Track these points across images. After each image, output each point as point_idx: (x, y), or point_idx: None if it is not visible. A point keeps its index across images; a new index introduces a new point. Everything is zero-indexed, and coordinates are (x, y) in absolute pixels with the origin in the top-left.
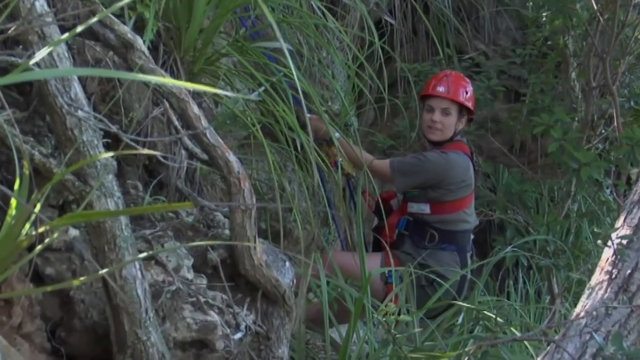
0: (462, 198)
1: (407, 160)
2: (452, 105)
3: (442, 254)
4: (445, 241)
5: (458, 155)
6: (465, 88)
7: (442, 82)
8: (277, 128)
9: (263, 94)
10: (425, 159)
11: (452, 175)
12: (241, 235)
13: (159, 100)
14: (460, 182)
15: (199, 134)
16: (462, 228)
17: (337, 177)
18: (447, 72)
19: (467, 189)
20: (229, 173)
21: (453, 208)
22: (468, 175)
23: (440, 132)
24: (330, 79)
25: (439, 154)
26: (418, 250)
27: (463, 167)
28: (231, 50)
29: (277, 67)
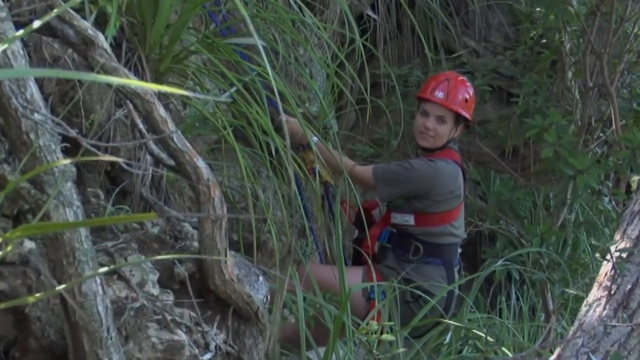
0: (449, 210)
1: (392, 168)
2: (448, 114)
3: (427, 268)
4: (431, 254)
5: (447, 164)
6: (466, 94)
7: (442, 86)
8: (250, 131)
9: (235, 94)
10: (411, 168)
11: (440, 185)
12: (211, 248)
13: (122, 102)
14: (447, 193)
15: (166, 138)
16: (449, 241)
17: (315, 185)
18: (449, 74)
19: (455, 201)
20: (198, 180)
21: (439, 220)
22: (457, 186)
23: (432, 139)
24: (308, 78)
25: (426, 162)
26: (402, 264)
27: (452, 177)
28: (200, 47)
29: (250, 65)
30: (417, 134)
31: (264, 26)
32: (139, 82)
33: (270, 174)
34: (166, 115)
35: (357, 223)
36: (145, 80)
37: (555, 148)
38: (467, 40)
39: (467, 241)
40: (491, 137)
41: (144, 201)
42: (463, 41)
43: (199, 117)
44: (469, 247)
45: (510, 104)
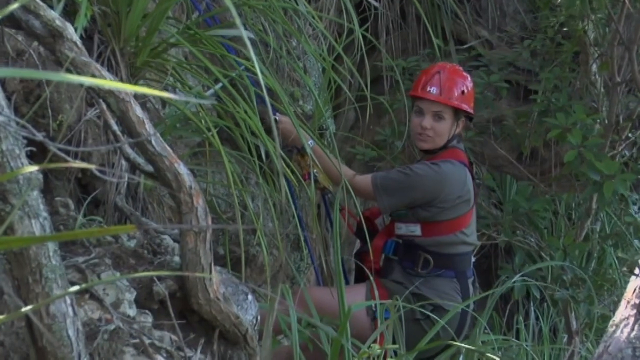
0: (459, 216)
1: (392, 176)
2: (445, 109)
3: (439, 281)
4: (442, 266)
5: (453, 165)
6: (462, 85)
7: (434, 80)
8: (237, 133)
9: (220, 92)
10: (413, 174)
11: (447, 191)
12: (194, 263)
13: (94, 101)
14: (455, 199)
15: (143, 141)
16: (461, 250)
17: (310, 191)
18: (440, 65)
19: (464, 206)
20: (179, 188)
21: (449, 228)
22: (465, 190)
23: (431, 139)
24: (302, 73)
25: (428, 166)
26: (410, 278)
27: (459, 180)
28: (181, 39)
29: (237, 59)
30: (415, 136)
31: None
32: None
33: (260, 180)
34: (143, 116)
35: (359, 233)
36: (120, 76)
37: (580, 150)
38: (479, 30)
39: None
40: (507, 138)
41: (119, 211)
42: (475, 31)
43: (180, 118)
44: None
45: (529, 100)
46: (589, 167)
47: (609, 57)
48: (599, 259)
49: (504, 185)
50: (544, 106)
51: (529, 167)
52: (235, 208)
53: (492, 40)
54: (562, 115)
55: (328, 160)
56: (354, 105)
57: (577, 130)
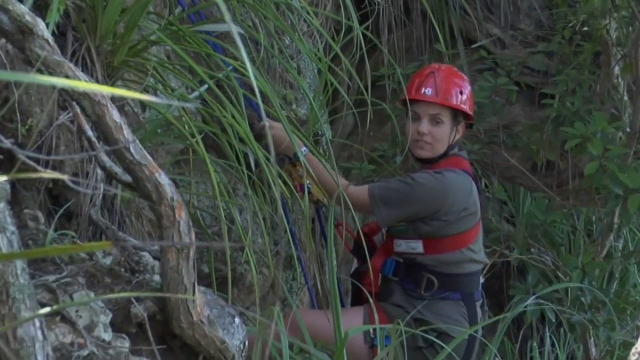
0: (465, 231)
1: (391, 186)
2: (443, 111)
3: (444, 304)
4: (448, 288)
5: (456, 174)
6: (460, 86)
7: (428, 81)
8: (224, 139)
9: (206, 94)
10: (414, 183)
11: (451, 202)
12: (176, 283)
13: (67, 104)
14: (460, 211)
15: (120, 148)
16: (468, 270)
17: (304, 204)
18: (434, 66)
19: (471, 219)
20: (160, 200)
21: (454, 244)
22: (471, 201)
23: (430, 146)
24: (295, 74)
25: (431, 174)
26: (412, 301)
27: (464, 190)
28: (163, 36)
29: (225, 59)
30: (412, 144)
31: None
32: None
33: (248, 191)
34: (121, 120)
35: (356, 251)
36: (96, 77)
37: (601, 162)
38: (490, 28)
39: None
40: (520, 147)
41: (93, 225)
42: (485, 29)
43: (161, 122)
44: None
45: (543, 106)
46: (611, 179)
47: (632, 59)
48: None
49: (516, 198)
50: (559, 111)
51: (545, 178)
52: (222, 222)
53: (505, 38)
54: (581, 124)
55: (323, 170)
56: (353, 111)
57: (597, 140)
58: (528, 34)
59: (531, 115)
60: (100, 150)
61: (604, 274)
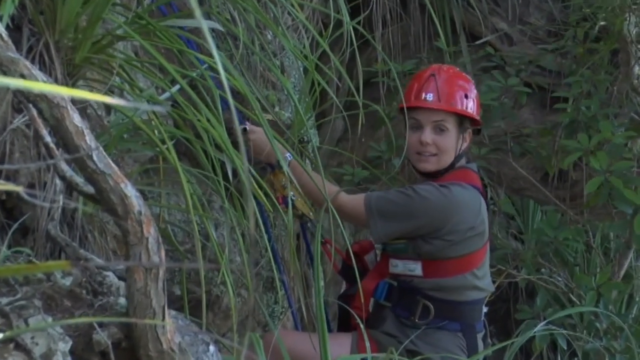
0: (470, 253)
1: (390, 197)
2: (447, 117)
3: (440, 335)
4: (446, 316)
5: (464, 189)
6: (465, 89)
7: (429, 85)
8: (198, 146)
9: (177, 95)
10: (417, 196)
11: (456, 220)
12: (143, 307)
13: (23, 106)
14: (466, 231)
15: (82, 156)
16: (469, 297)
17: (288, 219)
18: (434, 67)
19: (477, 240)
20: (126, 214)
21: (457, 268)
22: (479, 220)
23: (435, 158)
24: (278, 73)
25: (436, 187)
26: (405, 329)
27: (472, 207)
28: (131, 31)
29: (199, 56)
30: (414, 157)
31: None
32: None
33: (225, 204)
34: (83, 125)
35: (345, 272)
36: (55, 76)
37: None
38: (496, 22)
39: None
40: (529, 155)
41: (51, 242)
42: (491, 23)
43: (128, 127)
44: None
45: (556, 109)
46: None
47: None
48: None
49: (525, 212)
50: (571, 116)
51: (557, 190)
52: (195, 238)
53: (513, 34)
54: (585, 136)
55: (309, 180)
56: (342, 114)
57: (602, 153)
58: (538, 29)
59: (542, 120)
60: (60, 159)
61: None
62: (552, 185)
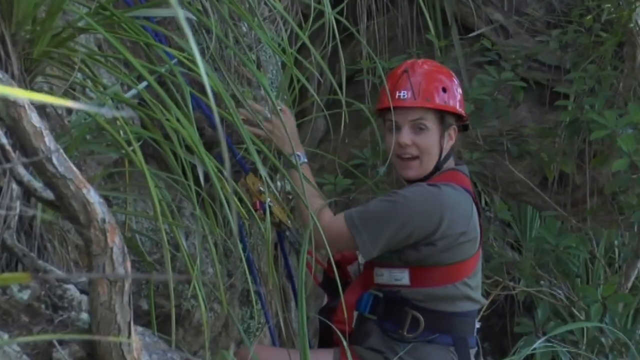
0: (461, 261)
1: (371, 208)
2: (426, 115)
3: (430, 349)
4: (436, 329)
5: (455, 191)
6: (442, 82)
7: (402, 82)
8: (166, 148)
9: (145, 93)
10: (401, 198)
11: (448, 222)
12: (107, 322)
13: None
14: (457, 236)
15: (41, 159)
16: (462, 308)
17: (265, 227)
18: (407, 63)
19: (469, 247)
20: (89, 222)
21: (446, 277)
22: (471, 225)
23: (417, 162)
24: (254, 69)
25: (423, 187)
26: (392, 344)
27: (463, 210)
28: (94, 23)
29: (168, 50)
30: (396, 161)
31: None
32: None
33: (196, 211)
34: (42, 125)
35: (326, 285)
36: (11, 72)
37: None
38: (491, 13)
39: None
40: (527, 157)
41: (7, 252)
42: (485, 14)
43: (91, 127)
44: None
45: (556, 107)
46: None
47: None
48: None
49: (523, 219)
50: (572, 114)
51: (557, 195)
52: (164, 248)
53: (509, 26)
54: (613, 113)
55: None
56: (324, 113)
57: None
58: (537, 20)
59: (541, 119)
60: (17, 162)
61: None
62: (551, 189)
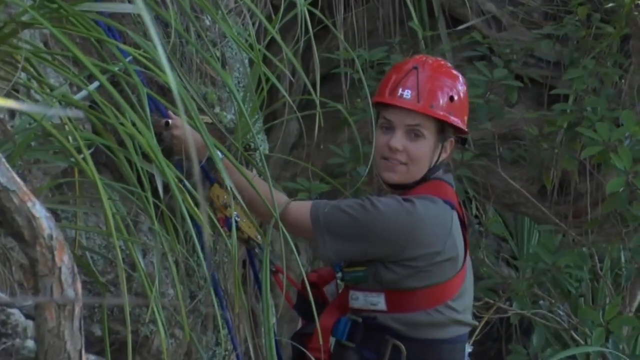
0: (441, 282)
1: (343, 208)
2: (425, 122)
3: None
4: (420, 357)
5: (433, 205)
6: (451, 88)
7: (408, 79)
8: (121, 155)
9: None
10: (375, 210)
11: (422, 242)
12: (56, 350)
13: None
14: (434, 255)
15: None
16: (448, 334)
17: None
18: (418, 59)
19: (448, 267)
20: (34, 238)
21: (426, 301)
22: (450, 243)
23: (404, 168)
24: (218, 67)
25: (398, 201)
26: None
27: (440, 227)
28: (39, 16)
29: (123, 47)
30: (379, 162)
31: None
32: None
33: (155, 226)
34: None
35: (300, 307)
36: None
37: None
38: (482, 3)
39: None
40: (523, 163)
41: None
42: (476, 4)
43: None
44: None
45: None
46: None
47: None
48: None
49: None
50: (574, 117)
51: (557, 205)
52: (119, 267)
53: (502, 17)
54: (605, 126)
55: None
56: (297, 115)
57: (624, 148)
58: (533, 10)
59: (538, 121)
60: None
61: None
62: (551, 199)
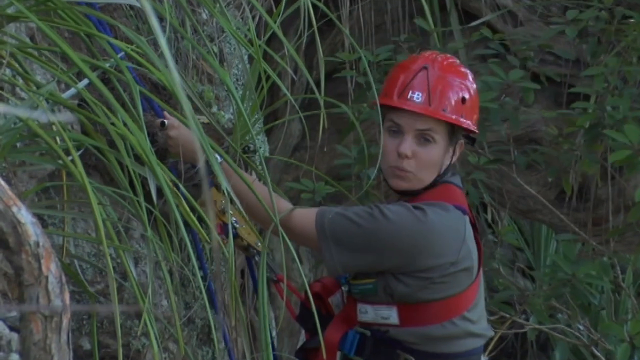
0: (456, 294)
1: (350, 217)
2: (436, 126)
3: None
4: None
5: (445, 212)
6: (462, 89)
7: (418, 80)
8: (112, 158)
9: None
10: (384, 219)
11: (433, 252)
12: None
13: None
14: (447, 265)
15: None
16: (463, 347)
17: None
18: (427, 57)
19: (464, 276)
20: (19, 246)
21: (441, 313)
22: (464, 251)
23: (411, 175)
24: (216, 64)
25: (408, 209)
26: None
27: (454, 236)
28: (25, 9)
29: (114, 42)
30: (388, 170)
31: None
32: None
33: (148, 233)
34: None
35: (304, 319)
36: None
37: None
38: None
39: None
40: (540, 168)
41: None
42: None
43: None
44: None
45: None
46: None
47: None
48: None
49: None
50: (594, 117)
51: (576, 212)
52: (109, 276)
53: (518, 12)
54: (634, 128)
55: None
56: (299, 115)
57: None
58: (552, 4)
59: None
60: None
61: None
62: (569, 206)
